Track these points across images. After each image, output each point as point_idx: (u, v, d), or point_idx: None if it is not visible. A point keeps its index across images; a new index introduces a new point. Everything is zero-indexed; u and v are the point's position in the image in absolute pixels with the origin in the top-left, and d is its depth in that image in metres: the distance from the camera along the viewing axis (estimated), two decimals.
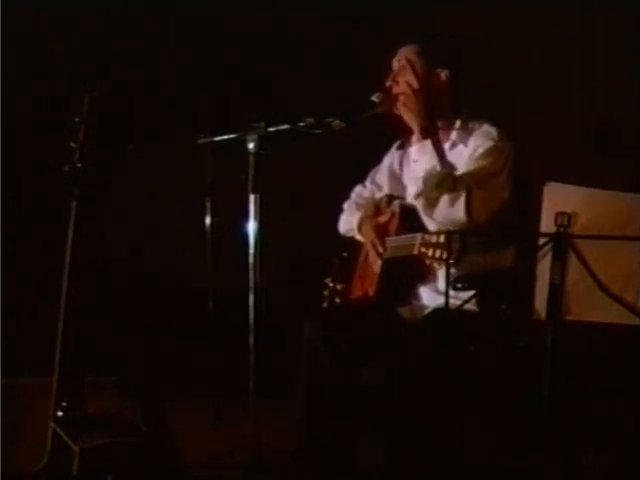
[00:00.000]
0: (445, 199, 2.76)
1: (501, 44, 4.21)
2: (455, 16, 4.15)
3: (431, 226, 2.81)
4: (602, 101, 4.08)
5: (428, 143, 2.87)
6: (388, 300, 2.94)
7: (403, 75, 2.96)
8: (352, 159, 3.66)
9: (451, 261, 2.44)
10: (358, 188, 3.33)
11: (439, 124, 2.96)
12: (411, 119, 2.94)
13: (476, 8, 4.18)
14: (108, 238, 3.79)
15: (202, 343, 3.85)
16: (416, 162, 2.94)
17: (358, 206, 3.26)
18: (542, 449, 2.54)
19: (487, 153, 2.85)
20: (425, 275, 2.90)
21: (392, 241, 2.95)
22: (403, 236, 2.87)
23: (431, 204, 2.79)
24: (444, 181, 2.79)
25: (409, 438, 2.72)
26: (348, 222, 3.27)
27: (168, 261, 4.20)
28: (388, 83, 2.98)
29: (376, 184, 3.27)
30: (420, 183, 2.84)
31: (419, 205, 2.83)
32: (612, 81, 4.06)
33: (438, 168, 2.82)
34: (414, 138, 3.07)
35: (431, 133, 2.89)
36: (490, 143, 2.87)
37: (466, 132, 2.95)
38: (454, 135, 2.97)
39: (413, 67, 2.94)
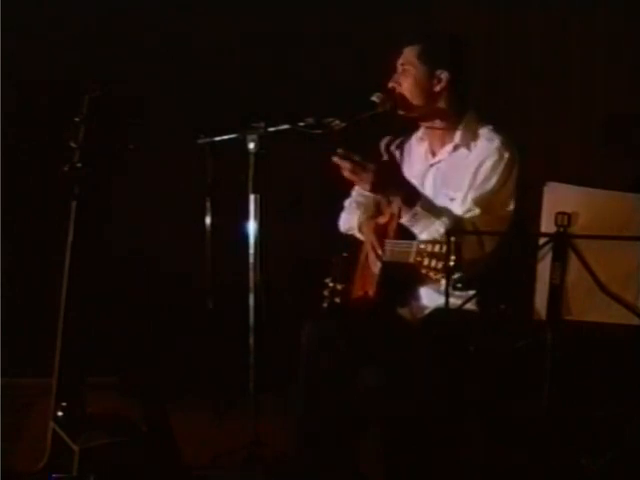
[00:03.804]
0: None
1: (501, 44, 4.21)
2: (455, 16, 4.15)
3: None
4: (602, 101, 4.08)
5: (419, 209, 2.76)
6: (388, 301, 2.94)
7: (404, 76, 2.95)
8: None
9: (440, 272, 2.41)
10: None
11: (440, 124, 2.97)
12: (388, 192, 2.87)
13: (476, 8, 4.18)
14: (108, 238, 3.80)
15: (202, 343, 3.85)
16: (421, 234, 2.80)
17: (358, 205, 3.26)
18: (542, 449, 2.54)
19: (491, 170, 2.83)
20: (424, 277, 2.90)
21: (391, 244, 2.95)
22: (401, 241, 2.85)
23: None
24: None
25: (408, 438, 2.72)
26: (348, 221, 3.27)
27: (168, 261, 4.20)
28: (391, 84, 2.97)
29: None
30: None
31: None
32: (612, 81, 4.06)
33: (441, 231, 2.71)
34: (414, 139, 3.08)
35: (416, 198, 2.79)
36: (495, 156, 2.85)
37: (470, 134, 2.94)
38: (458, 137, 2.95)
39: (413, 70, 2.93)
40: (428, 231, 2.75)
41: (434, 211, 2.78)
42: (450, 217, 2.77)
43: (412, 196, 2.81)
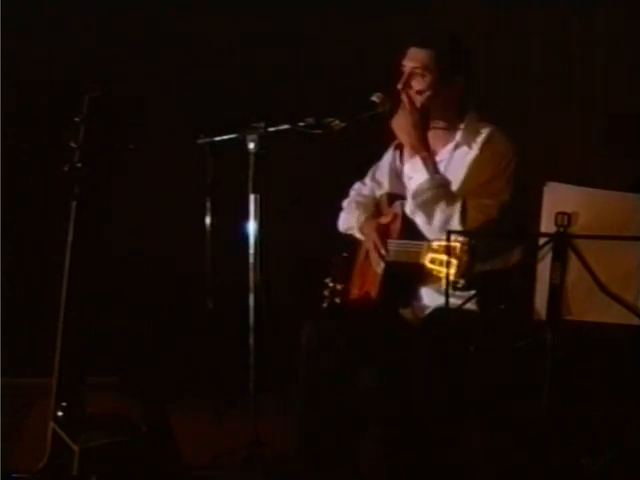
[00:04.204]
0: (440, 216, 2.76)
1: (501, 44, 4.21)
2: (455, 16, 4.14)
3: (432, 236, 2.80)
4: (602, 101, 4.08)
5: (418, 160, 2.87)
6: (390, 301, 2.94)
7: (417, 81, 2.91)
8: (352, 159, 3.66)
9: (457, 272, 2.42)
10: (357, 185, 3.33)
11: (443, 124, 2.97)
12: (402, 135, 2.93)
13: (476, 8, 4.18)
14: (108, 238, 3.80)
15: (202, 343, 3.85)
16: (411, 179, 2.92)
17: (358, 204, 3.26)
18: (542, 449, 2.54)
19: (487, 158, 2.85)
20: (427, 277, 2.90)
21: (395, 244, 2.95)
22: (407, 242, 2.86)
23: (428, 221, 2.79)
24: (437, 197, 2.79)
25: (408, 438, 2.72)
26: (347, 220, 3.27)
27: (168, 261, 4.20)
28: (400, 86, 2.93)
29: (376, 181, 3.26)
30: (412, 201, 2.84)
31: (417, 221, 2.83)
32: (612, 81, 4.06)
33: (427, 184, 2.82)
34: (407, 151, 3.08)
35: (421, 149, 2.88)
36: (491, 148, 2.86)
37: (471, 133, 2.94)
38: (459, 136, 2.95)
39: (429, 75, 2.90)
40: (417, 182, 2.83)
41: (430, 168, 2.84)
42: (442, 180, 2.83)
43: (419, 147, 2.87)
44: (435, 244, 2.49)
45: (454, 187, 2.87)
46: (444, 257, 2.45)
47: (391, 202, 3.08)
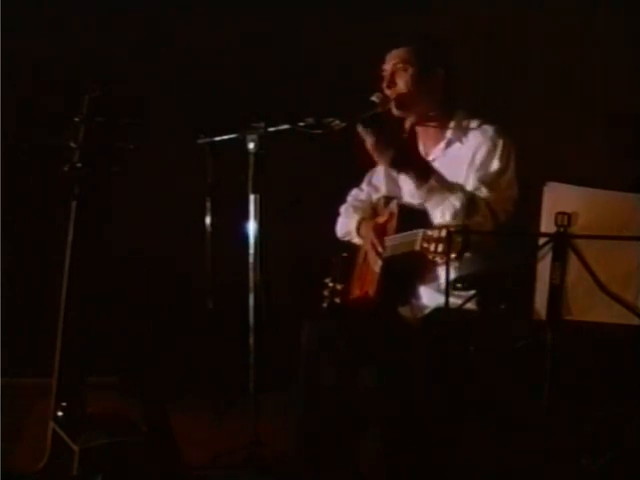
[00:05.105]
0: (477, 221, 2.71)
1: (501, 44, 4.21)
2: (455, 16, 4.15)
3: None
4: (602, 100, 4.08)
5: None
6: (389, 300, 2.94)
7: (400, 76, 2.95)
8: (352, 159, 3.66)
9: (453, 255, 2.41)
10: (354, 191, 3.33)
11: (433, 123, 2.97)
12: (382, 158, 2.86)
13: (476, 8, 4.18)
14: (108, 238, 3.80)
15: (202, 343, 3.85)
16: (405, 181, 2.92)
17: (355, 209, 3.26)
18: (542, 449, 2.54)
19: (490, 152, 2.85)
20: (426, 274, 2.90)
21: (392, 239, 2.95)
22: (404, 233, 2.86)
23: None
24: (470, 211, 2.72)
25: (408, 438, 2.72)
26: (345, 225, 3.27)
27: (168, 261, 4.21)
28: (384, 84, 2.96)
29: (373, 186, 3.26)
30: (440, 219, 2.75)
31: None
32: (612, 81, 4.06)
33: (457, 205, 2.71)
34: None
35: (428, 174, 2.80)
36: (490, 142, 2.86)
37: (461, 130, 2.95)
38: (449, 133, 2.96)
39: (410, 68, 2.93)
40: (443, 206, 2.74)
41: (448, 185, 2.78)
42: (464, 192, 2.76)
43: (426, 171, 2.81)
44: (429, 232, 2.47)
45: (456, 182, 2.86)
46: (439, 240, 2.43)
47: (387, 204, 3.09)
